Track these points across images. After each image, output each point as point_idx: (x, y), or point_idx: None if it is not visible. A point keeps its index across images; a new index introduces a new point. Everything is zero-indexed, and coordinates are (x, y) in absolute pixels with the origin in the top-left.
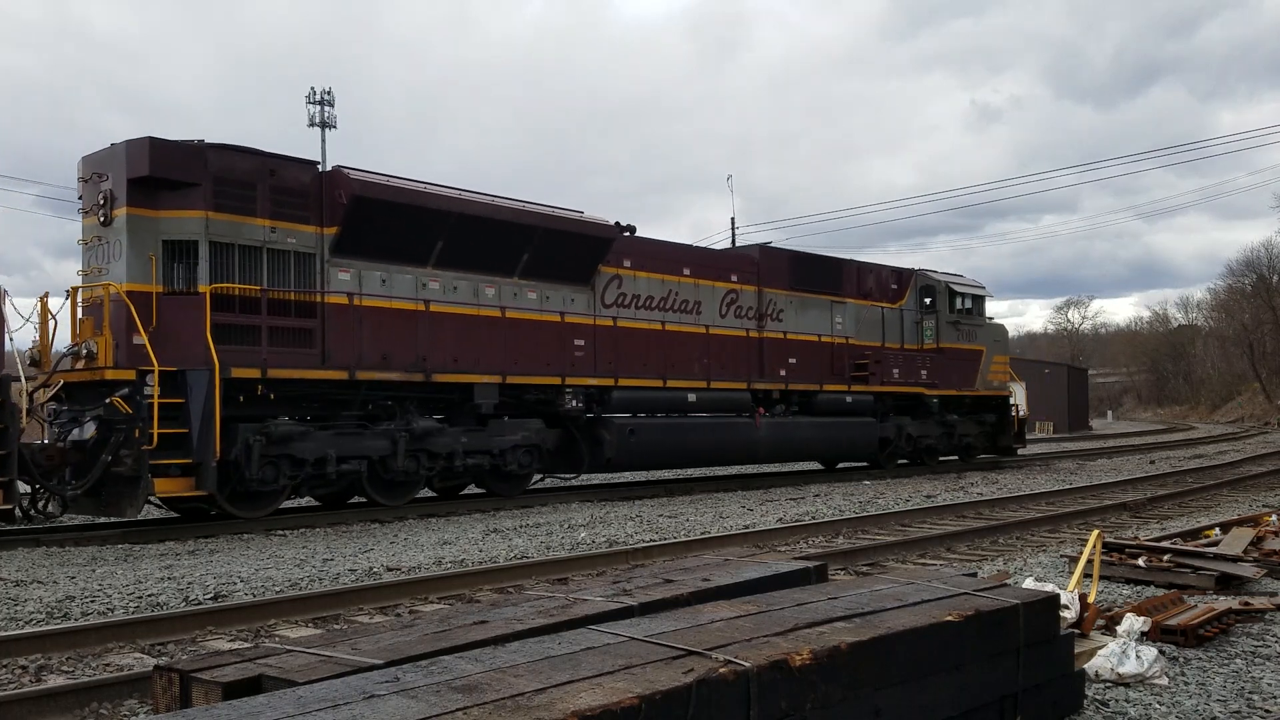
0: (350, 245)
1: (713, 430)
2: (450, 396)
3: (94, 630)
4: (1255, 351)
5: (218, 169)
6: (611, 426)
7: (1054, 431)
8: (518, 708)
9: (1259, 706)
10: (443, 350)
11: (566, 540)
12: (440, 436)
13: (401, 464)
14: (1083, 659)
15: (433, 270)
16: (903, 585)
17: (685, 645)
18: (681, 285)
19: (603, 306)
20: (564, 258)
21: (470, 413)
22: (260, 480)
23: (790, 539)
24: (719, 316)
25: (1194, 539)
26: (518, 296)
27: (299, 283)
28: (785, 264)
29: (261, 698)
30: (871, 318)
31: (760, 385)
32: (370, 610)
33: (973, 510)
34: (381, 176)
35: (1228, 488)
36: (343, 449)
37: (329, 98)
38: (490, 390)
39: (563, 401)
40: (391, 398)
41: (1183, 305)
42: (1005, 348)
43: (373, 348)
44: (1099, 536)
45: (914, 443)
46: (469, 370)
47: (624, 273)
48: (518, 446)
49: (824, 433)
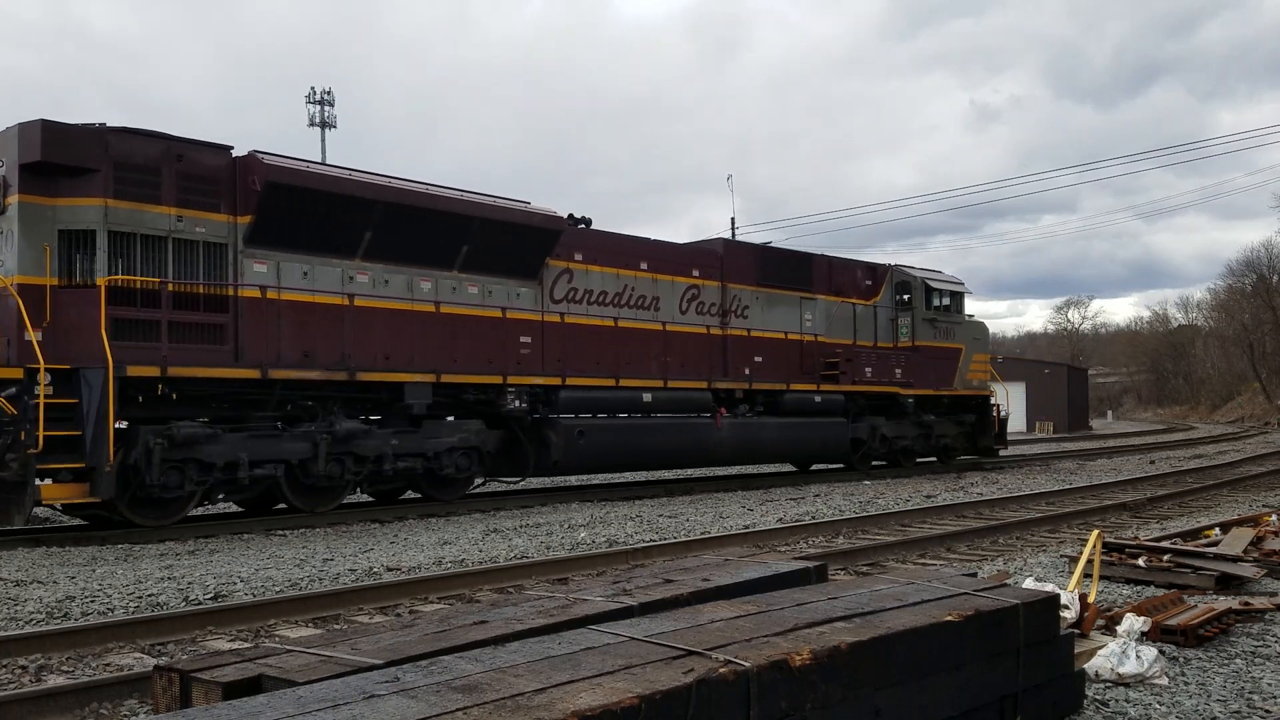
0: (266, 235)
1: (670, 431)
2: (379, 396)
3: (94, 630)
4: (1255, 351)
5: (119, 154)
6: (558, 428)
7: (1054, 431)
8: (518, 708)
9: (1259, 706)
10: (372, 347)
11: (566, 540)
12: (368, 439)
13: (323, 468)
14: (1083, 659)
15: (361, 263)
16: (903, 585)
17: (685, 645)
18: (638, 280)
19: (552, 302)
20: (507, 250)
21: (402, 413)
22: (163, 486)
23: (790, 539)
24: (679, 313)
25: (1194, 539)
26: (457, 291)
27: (209, 275)
28: (751, 259)
29: (261, 698)
30: (843, 315)
31: (722, 384)
32: (370, 610)
33: (973, 510)
34: (299, 162)
35: (1228, 488)
36: (256, 452)
37: (329, 98)
38: (423, 390)
39: (505, 401)
40: (313, 398)
41: (1183, 305)
42: (985, 346)
43: (293, 345)
44: (1099, 536)
45: (889, 444)
46: (401, 369)
47: (575, 266)
48: (455, 449)
49: (791, 433)
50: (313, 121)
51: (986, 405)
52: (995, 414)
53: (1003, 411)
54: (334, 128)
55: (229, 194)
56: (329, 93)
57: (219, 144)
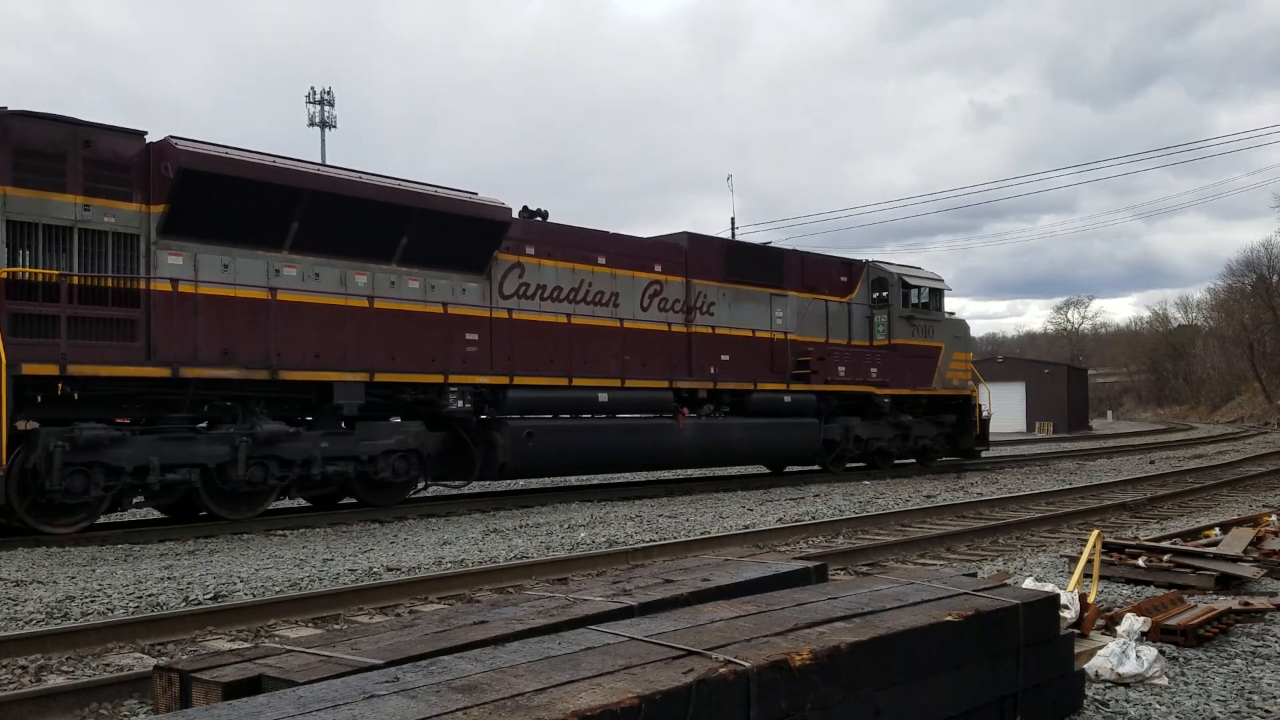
0: (182, 225)
1: (627, 433)
2: (308, 397)
3: (94, 630)
4: (1255, 351)
5: (19, 139)
6: (506, 429)
7: (1054, 431)
8: (518, 708)
9: (1259, 706)
10: (300, 345)
11: (566, 540)
12: (294, 441)
13: (244, 472)
14: (1083, 659)
15: (289, 255)
16: (903, 585)
17: (685, 645)
18: (595, 275)
19: (501, 298)
20: (451, 243)
21: (332, 414)
22: (66, 491)
23: (790, 539)
24: (640, 309)
25: (1194, 539)
26: (396, 285)
27: (119, 267)
28: (717, 254)
29: (261, 698)
30: (816, 312)
31: (684, 384)
32: (370, 610)
33: (972, 510)
34: (217, 148)
35: (1228, 488)
36: (169, 456)
37: (329, 98)
38: (354, 390)
39: (446, 402)
40: (233, 398)
41: (1182, 305)
42: (967, 345)
43: (211, 342)
44: (1099, 536)
45: (863, 445)
46: (333, 367)
47: (527, 260)
48: (392, 452)
49: (758, 434)
50: (313, 121)
51: (968, 405)
52: (977, 414)
53: (985, 412)
54: (334, 128)
55: (142, 182)
56: (329, 93)
57: (131, 129)
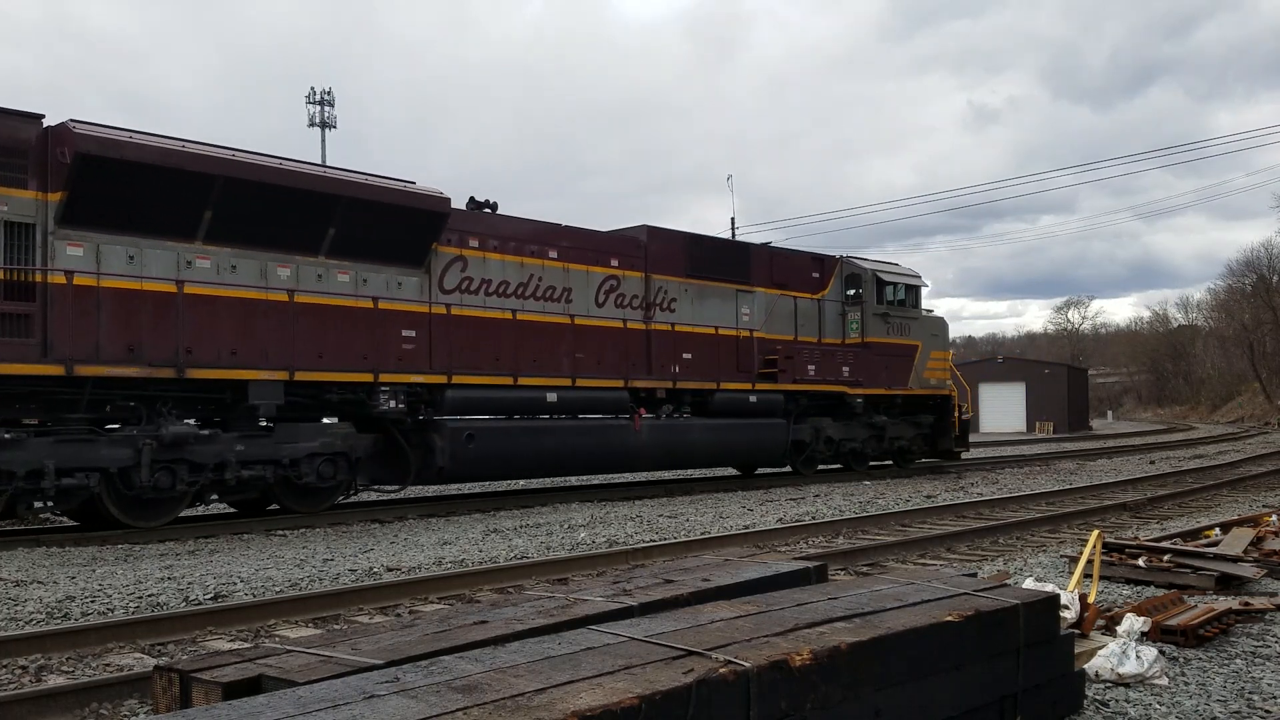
0: (82, 214)
1: (579, 434)
2: (223, 397)
3: (94, 630)
4: (1255, 351)
5: None
6: (444, 430)
7: (1054, 431)
8: (518, 708)
9: (1259, 707)
10: (214, 341)
11: (566, 540)
12: (206, 444)
13: (148, 477)
14: (1083, 659)
15: (203, 246)
16: (903, 585)
17: (685, 645)
18: (546, 269)
19: (441, 292)
20: (383, 234)
21: (248, 415)
22: None
23: (790, 539)
24: (595, 306)
25: (1194, 539)
26: (324, 279)
27: (12, 258)
28: (680, 248)
29: (261, 698)
30: (784, 309)
31: (641, 383)
32: (370, 610)
33: (972, 510)
34: (120, 132)
35: (1228, 488)
36: (65, 459)
37: (329, 98)
38: (271, 389)
39: (377, 402)
40: (137, 398)
41: (1183, 305)
42: (945, 343)
43: (115, 338)
44: (1099, 536)
45: (835, 446)
46: (252, 365)
47: (470, 254)
48: (316, 455)
49: (721, 436)
50: (313, 121)
51: (946, 405)
52: (956, 415)
53: (964, 412)
54: (334, 128)
55: (39, 168)
56: (329, 93)
57: (28, 112)
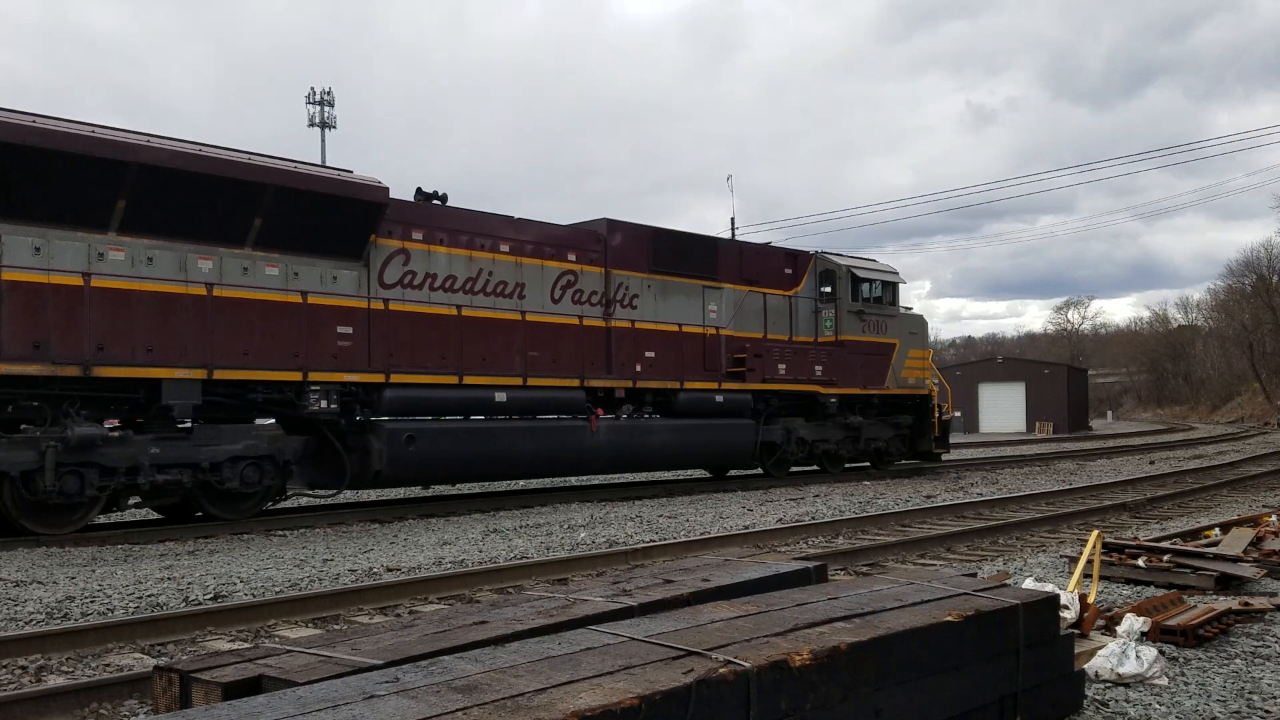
0: None
1: (529, 436)
2: (136, 396)
3: (94, 630)
4: (1255, 351)
5: None
6: (381, 432)
7: (1054, 432)
8: (518, 708)
9: (1259, 707)
10: (128, 338)
11: (566, 540)
12: (116, 446)
13: (52, 482)
14: (1083, 659)
15: (116, 237)
16: (903, 585)
17: (685, 645)
18: (497, 264)
19: (381, 287)
20: (316, 225)
21: (164, 416)
22: None
23: (790, 539)
24: (550, 302)
25: (1194, 539)
26: (250, 272)
27: None
28: (642, 242)
29: (261, 698)
30: (754, 306)
31: (598, 382)
32: (370, 610)
33: (972, 510)
34: (24, 116)
35: (1227, 488)
36: None
37: (329, 98)
38: (187, 388)
39: (307, 402)
40: (43, 397)
41: (1182, 305)
42: (924, 341)
43: (17, 334)
44: (1099, 537)
45: (808, 447)
46: (168, 363)
47: (414, 247)
48: (240, 458)
49: (684, 437)
50: (312, 122)
51: (926, 405)
52: (936, 415)
53: (944, 413)
54: (334, 128)
55: None
56: (329, 93)
57: None
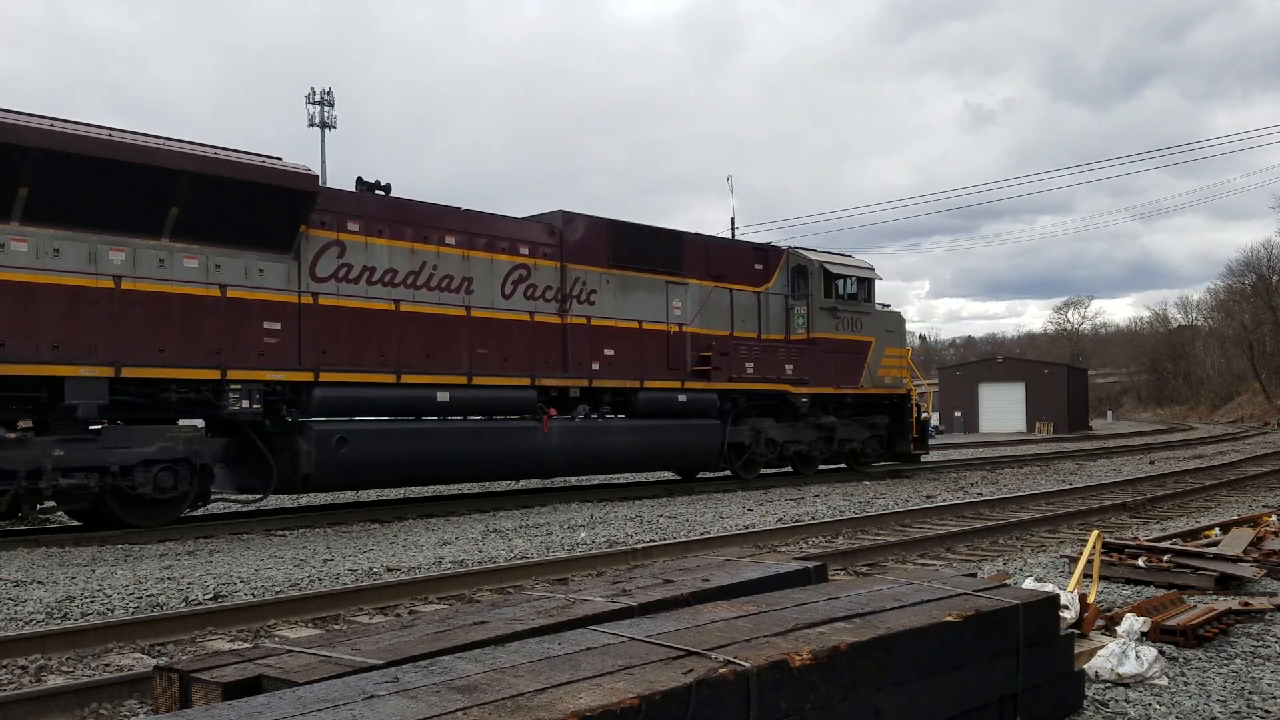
0: None
1: (474, 437)
2: (38, 395)
3: (94, 630)
4: (1255, 351)
5: None
6: (311, 434)
7: (1054, 432)
8: (518, 708)
9: (1259, 707)
10: (31, 334)
11: (566, 540)
12: (15, 449)
13: None
14: (1083, 659)
15: (18, 227)
16: (903, 585)
17: (685, 645)
18: (442, 257)
19: (313, 280)
20: (239, 215)
21: (69, 417)
22: None
23: (790, 539)
24: (501, 297)
25: (1194, 539)
26: (166, 264)
27: None
28: (602, 236)
29: (261, 698)
30: (720, 302)
31: (550, 381)
32: (370, 610)
33: (972, 510)
34: None
35: (1227, 488)
36: None
37: (329, 98)
38: (91, 387)
39: (226, 402)
40: None
41: (1182, 305)
42: (901, 339)
43: None
44: (1099, 537)
45: (779, 448)
46: (68, 360)
47: (350, 238)
48: (153, 462)
49: (645, 438)
50: (312, 122)
51: (903, 405)
52: (914, 415)
53: (922, 413)
54: (334, 128)
55: None
56: (329, 93)
57: None
